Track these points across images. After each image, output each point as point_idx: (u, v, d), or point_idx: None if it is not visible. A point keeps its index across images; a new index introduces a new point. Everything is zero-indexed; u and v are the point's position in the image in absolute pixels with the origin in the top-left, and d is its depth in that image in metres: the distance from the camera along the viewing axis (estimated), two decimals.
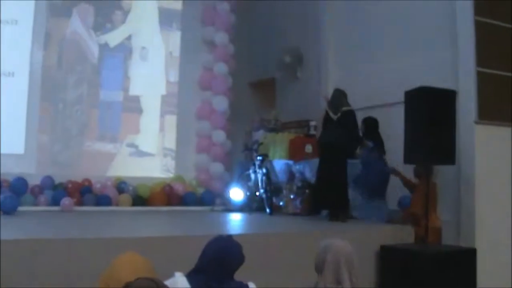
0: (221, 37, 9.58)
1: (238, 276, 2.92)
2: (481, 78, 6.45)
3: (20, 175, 7.64)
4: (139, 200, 8.42)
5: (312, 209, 7.53)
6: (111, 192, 8.27)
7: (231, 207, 8.37)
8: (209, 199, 8.88)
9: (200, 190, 9.09)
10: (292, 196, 7.85)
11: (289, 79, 9.78)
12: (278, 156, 8.63)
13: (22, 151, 8.31)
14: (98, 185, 8.32)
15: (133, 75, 9.39)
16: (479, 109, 6.42)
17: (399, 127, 6.13)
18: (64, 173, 8.34)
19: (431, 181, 6.10)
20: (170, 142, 9.64)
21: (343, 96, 7.11)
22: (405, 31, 7.49)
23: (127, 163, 9.20)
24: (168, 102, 9.69)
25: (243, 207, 8.27)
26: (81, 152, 8.88)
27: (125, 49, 9.37)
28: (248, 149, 8.78)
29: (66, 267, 3.95)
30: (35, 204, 7.56)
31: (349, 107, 6.98)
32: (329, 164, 6.83)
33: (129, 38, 9.41)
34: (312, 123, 8.65)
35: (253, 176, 8.22)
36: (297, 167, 7.99)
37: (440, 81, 6.11)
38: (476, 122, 6.42)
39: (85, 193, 8.05)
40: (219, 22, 9.65)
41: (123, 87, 9.31)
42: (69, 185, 8.08)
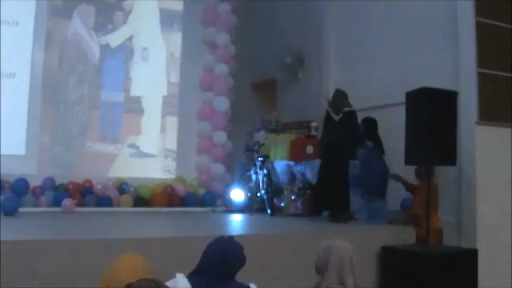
0: (222, 38, 9.56)
1: (239, 277, 2.92)
2: (482, 78, 6.45)
3: (21, 176, 7.64)
4: (140, 201, 8.41)
5: (313, 210, 7.54)
6: (112, 193, 8.26)
7: (232, 208, 8.36)
8: (210, 200, 8.87)
9: (201, 191, 9.08)
10: (293, 197, 7.84)
11: (290, 80, 9.77)
12: (279, 157, 8.62)
13: (23, 152, 8.30)
14: (99, 186, 8.31)
15: (134, 76, 9.40)
16: (480, 110, 6.42)
17: (400, 128, 6.13)
18: (65, 174, 8.33)
19: (432, 182, 6.09)
20: (171, 143, 9.65)
21: (344, 97, 7.11)
22: (406, 31, 7.49)
23: (128, 164, 9.20)
24: (169, 103, 9.69)
25: (244, 208, 8.26)
26: (82, 153, 8.89)
27: (126, 50, 9.37)
28: (249, 150, 8.77)
29: (67, 268, 3.95)
30: (36, 205, 7.54)
31: (351, 107, 6.98)
32: (330, 165, 6.83)
33: (130, 39, 9.41)
34: (313, 124, 8.64)
35: (254, 177, 8.21)
36: (298, 168, 7.98)
37: (440, 82, 6.11)
38: (477, 123, 6.42)
39: (86, 194, 8.04)
40: (220, 23, 9.63)
41: (124, 88, 9.32)
42: (70, 186, 8.06)
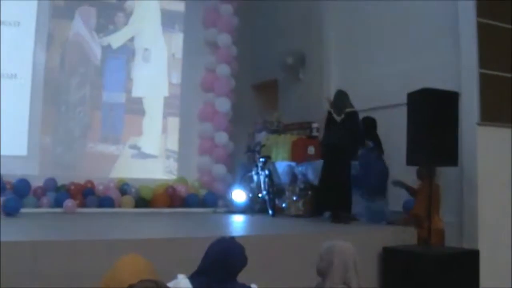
0: (223, 38, 9.56)
1: (240, 277, 2.93)
2: (483, 79, 6.44)
3: (23, 176, 7.63)
4: (141, 201, 8.41)
5: (314, 210, 7.54)
6: (114, 194, 8.26)
7: (233, 209, 8.35)
8: (212, 200, 8.87)
9: (203, 192, 9.08)
10: (294, 197, 7.84)
11: (292, 81, 9.76)
12: (281, 157, 8.62)
13: (25, 153, 8.31)
14: (101, 187, 8.31)
15: (136, 76, 9.40)
16: (481, 110, 6.41)
17: (401, 128, 6.12)
18: (66, 174, 8.32)
19: (434, 183, 6.09)
20: (173, 144, 9.65)
21: (345, 97, 7.09)
22: (407, 32, 7.49)
23: (130, 165, 9.20)
24: (171, 104, 9.69)
25: (245, 208, 8.25)
26: (83, 153, 8.89)
27: (127, 51, 9.37)
28: (250, 150, 8.76)
29: (69, 268, 3.96)
30: (37, 205, 7.54)
31: (352, 108, 6.97)
32: (332, 166, 6.83)
33: (131, 39, 9.41)
34: (315, 124, 8.63)
35: (255, 177, 8.21)
36: (299, 168, 7.98)
37: (442, 83, 6.12)
38: (478, 124, 6.41)
39: (87, 194, 8.05)
40: (222, 23, 9.63)
41: (125, 89, 9.32)
42: (71, 187, 8.06)
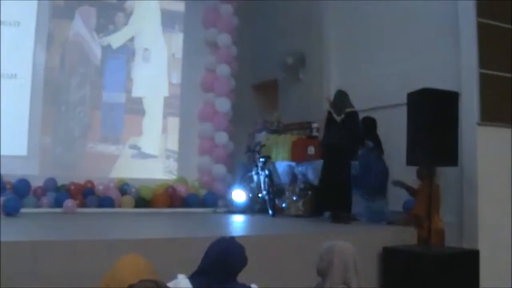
0: (223, 38, 9.56)
1: (240, 277, 2.93)
2: (483, 79, 6.44)
3: (23, 176, 7.63)
4: (141, 201, 8.41)
5: (314, 210, 7.54)
6: (114, 194, 8.26)
7: (233, 209, 8.35)
8: (212, 200, 8.86)
9: (203, 192, 9.08)
10: (294, 197, 7.84)
11: (292, 81, 9.76)
12: (281, 157, 8.62)
13: (25, 153, 8.31)
14: (101, 187, 8.31)
15: (136, 76, 9.40)
16: (481, 110, 6.41)
17: (401, 128, 6.12)
18: (66, 174, 8.32)
19: (434, 183, 6.09)
20: (173, 144, 9.65)
21: (345, 97, 7.08)
22: (407, 32, 7.49)
23: (130, 165, 9.20)
24: (171, 104, 9.69)
25: (245, 208, 8.25)
26: (83, 153, 8.89)
27: (127, 51, 9.37)
28: (250, 150, 8.76)
29: (69, 268, 3.96)
30: (37, 205, 7.54)
31: (353, 108, 6.97)
32: (332, 166, 6.83)
33: (131, 39, 9.40)
34: (315, 125, 8.63)
35: (255, 177, 8.21)
36: (299, 168, 7.98)
37: (442, 83, 6.12)
38: (478, 124, 6.41)
39: (87, 194, 8.05)
40: (222, 23, 9.63)
41: (125, 89, 9.32)
42: (71, 187, 8.05)
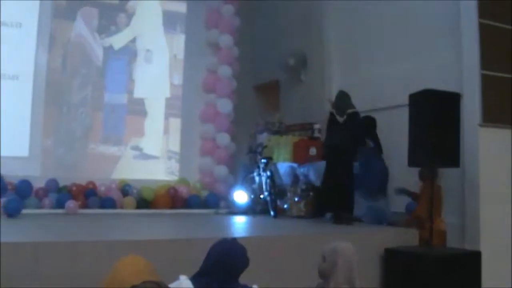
0: (225, 39, 9.57)
1: (242, 278, 2.93)
2: (485, 80, 6.43)
3: (25, 177, 7.64)
4: (143, 203, 8.41)
5: (316, 211, 7.53)
6: (116, 195, 8.27)
7: (235, 210, 8.36)
8: (213, 202, 8.87)
9: (204, 193, 9.09)
10: (296, 198, 7.84)
11: (293, 82, 9.76)
12: (282, 158, 8.62)
13: (26, 154, 8.31)
14: (103, 188, 8.32)
15: (138, 77, 9.40)
16: (483, 111, 6.40)
17: (403, 129, 6.12)
18: (68, 175, 8.33)
19: (436, 184, 6.09)
20: (175, 145, 9.65)
21: (347, 98, 7.09)
22: (408, 33, 7.48)
23: (132, 166, 9.20)
24: (172, 105, 9.69)
25: (247, 210, 8.25)
26: (85, 154, 8.89)
27: (129, 52, 9.37)
28: (252, 151, 8.75)
29: (70, 269, 3.96)
30: (39, 207, 7.56)
31: (354, 109, 6.97)
32: (334, 167, 6.83)
33: (133, 40, 9.41)
34: (316, 126, 8.62)
35: (257, 178, 8.21)
36: (301, 170, 7.97)
37: (444, 84, 6.11)
38: (480, 125, 6.40)
39: (89, 195, 8.05)
40: (223, 25, 9.64)
41: (127, 90, 9.32)
42: (73, 188, 8.06)
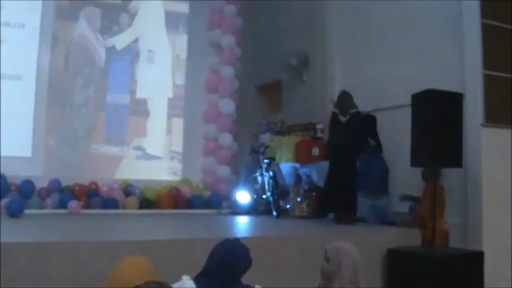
0: (227, 40, 9.57)
1: (245, 279, 2.93)
2: (487, 80, 6.42)
3: (27, 178, 7.66)
4: (146, 203, 8.41)
5: (319, 211, 7.53)
6: (118, 195, 8.27)
7: (237, 210, 8.35)
8: (216, 202, 8.87)
9: (207, 193, 9.09)
10: (298, 199, 7.83)
11: (295, 82, 9.75)
12: (285, 159, 8.61)
13: (29, 154, 8.33)
14: (105, 188, 8.33)
15: (140, 78, 9.41)
16: (485, 111, 6.39)
17: (405, 129, 6.11)
18: (71, 176, 8.34)
19: (438, 184, 6.08)
20: (177, 145, 9.66)
21: (349, 98, 7.10)
22: (411, 33, 7.47)
23: (134, 166, 9.22)
24: (175, 105, 9.70)
25: (249, 210, 8.26)
26: (88, 155, 8.91)
27: (132, 52, 9.39)
28: (254, 152, 8.76)
29: (73, 269, 3.97)
30: (42, 207, 7.57)
31: (357, 109, 6.98)
32: (337, 167, 6.83)
33: (136, 41, 9.43)
34: (319, 126, 8.62)
35: (259, 179, 8.21)
36: (303, 170, 7.97)
37: (446, 84, 6.10)
38: (482, 125, 6.39)
39: (92, 196, 8.06)
40: (226, 25, 9.64)
41: (130, 90, 9.33)
42: (76, 188, 8.08)
